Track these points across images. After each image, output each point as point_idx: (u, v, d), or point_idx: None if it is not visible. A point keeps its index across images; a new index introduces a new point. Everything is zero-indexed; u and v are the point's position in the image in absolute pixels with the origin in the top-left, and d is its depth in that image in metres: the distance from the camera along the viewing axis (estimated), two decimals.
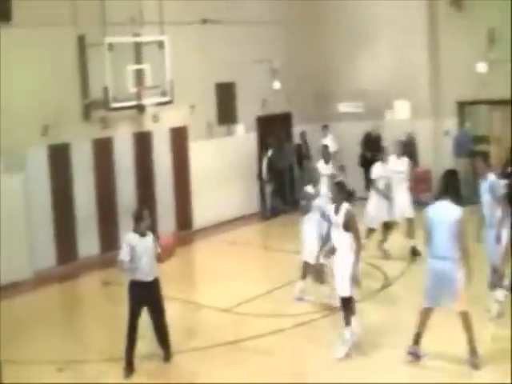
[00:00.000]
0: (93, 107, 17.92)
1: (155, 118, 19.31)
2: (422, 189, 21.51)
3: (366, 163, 22.74)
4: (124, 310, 14.53)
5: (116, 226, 18.59)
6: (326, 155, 17.73)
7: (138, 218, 11.30)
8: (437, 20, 22.09)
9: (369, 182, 22.60)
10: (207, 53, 20.73)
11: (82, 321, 14.48)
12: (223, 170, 21.30)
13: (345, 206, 11.30)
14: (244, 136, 22.22)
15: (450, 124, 22.38)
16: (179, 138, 20.22)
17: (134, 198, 18.97)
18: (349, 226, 11.16)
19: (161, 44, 18.33)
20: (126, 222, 18.53)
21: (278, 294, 14.49)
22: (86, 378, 11.05)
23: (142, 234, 11.22)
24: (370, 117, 22.92)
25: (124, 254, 11.08)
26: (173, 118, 19.70)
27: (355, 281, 11.16)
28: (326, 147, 18.39)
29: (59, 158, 17.51)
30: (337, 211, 11.32)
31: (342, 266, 11.13)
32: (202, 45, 20.68)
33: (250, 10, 21.56)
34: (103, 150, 18.37)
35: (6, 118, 16.31)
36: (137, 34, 18.70)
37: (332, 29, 23.70)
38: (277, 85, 23.07)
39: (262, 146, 22.72)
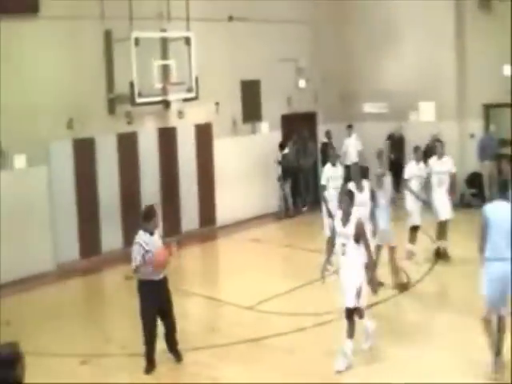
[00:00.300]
0: (118, 102, 17.98)
1: (180, 114, 19.36)
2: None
3: (390, 165, 22.74)
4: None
5: (139, 221, 18.58)
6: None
7: (147, 217, 11.19)
8: (464, 21, 21.96)
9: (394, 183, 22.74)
10: (233, 50, 20.76)
11: (104, 314, 14.54)
12: (247, 167, 21.32)
13: (355, 215, 10.78)
14: (268, 134, 22.19)
15: (476, 126, 22.25)
16: (204, 134, 20.24)
17: (158, 193, 19.03)
18: (360, 236, 10.73)
19: (187, 40, 18.37)
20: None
21: (299, 292, 14.47)
22: (109, 371, 11.06)
23: (151, 233, 11.09)
24: (394, 118, 22.85)
25: (136, 255, 10.96)
26: (197, 114, 19.73)
27: (374, 287, 11.15)
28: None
29: (84, 151, 17.56)
30: (346, 221, 10.78)
31: (350, 277, 10.75)
32: (228, 42, 20.71)
33: (276, 9, 21.53)
34: (128, 145, 18.42)
35: (31, 111, 16.43)
36: (163, 30, 18.73)
37: (358, 28, 23.67)
38: (302, 83, 23.08)
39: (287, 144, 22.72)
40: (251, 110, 21.67)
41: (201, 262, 18.50)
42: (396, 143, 22.68)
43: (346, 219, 10.78)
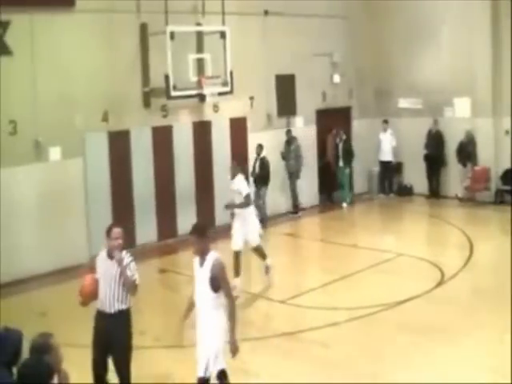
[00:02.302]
0: (153, 95, 18.03)
1: (215, 108, 19.38)
2: (481, 187, 21.35)
3: (427, 160, 22.64)
4: (179, 297, 14.67)
5: (174, 214, 18.72)
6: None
7: (107, 234, 9.64)
8: (500, 17, 21.65)
9: (430, 179, 22.66)
10: (268, 44, 20.71)
11: (137, 307, 14.49)
12: (282, 161, 21.25)
13: (212, 255, 8.66)
14: (303, 128, 22.10)
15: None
16: (238, 128, 20.22)
17: (193, 186, 19.04)
18: (218, 282, 8.45)
19: (222, 34, 18.33)
20: (183, 210, 18.77)
21: (333, 286, 14.42)
22: (142, 363, 11.05)
23: (109, 255, 9.42)
24: (429, 114, 22.67)
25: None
26: (232, 108, 19.73)
27: (234, 348, 8.67)
28: None
29: (119, 144, 17.62)
30: (202, 261, 8.73)
31: (204, 339, 8.72)
32: (263, 36, 20.68)
33: (311, 3, 21.45)
34: (163, 138, 18.44)
35: (67, 104, 16.52)
36: (198, 24, 18.75)
37: (393, 23, 23.51)
38: (337, 78, 23.00)
39: (321, 138, 22.65)
40: (286, 105, 21.62)
41: None
42: (433, 139, 22.50)
43: (202, 259, 8.77)
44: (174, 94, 17.37)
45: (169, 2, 17.34)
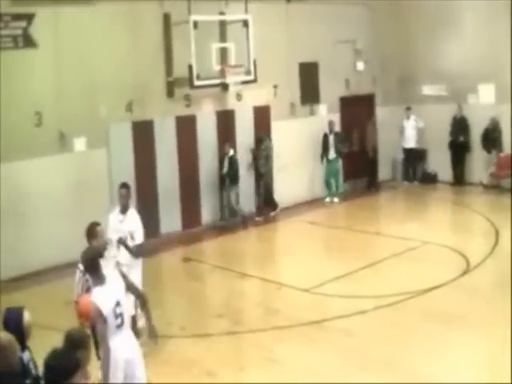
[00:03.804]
0: (177, 85, 18.05)
1: (238, 97, 19.40)
2: (505, 174, 21.23)
3: (452, 146, 22.52)
4: (203, 287, 14.77)
5: (198, 203, 18.78)
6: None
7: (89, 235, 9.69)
8: None
9: (454, 166, 22.53)
10: (291, 32, 20.65)
11: (163, 296, 14.62)
12: (305, 149, 21.27)
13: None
14: (326, 116, 22.03)
15: None
16: (262, 116, 20.19)
17: (216, 175, 19.07)
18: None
19: (245, 23, 18.32)
20: (207, 199, 18.83)
21: (358, 275, 14.41)
22: (168, 352, 11.13)
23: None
24: (453, 100, 22.51)
25: (77, 283, 9.38)
26: (256, 97, 19.72)
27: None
28: None
29: (143, 134, 17.67)
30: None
31: None
32: (286, 24, 20.61)
33: None
34: (186, 128, 18.47)
35: (91, 94, 16.60)
36: (221, 13, 18.73)
37: (417, 9, 23.35)
38: (360, 66, 22.91)
39: (345, 126, 22.60)
40: (309, 93, 21.56)
41: (259, 245, 18.52)
42: (458, 125, 22.37)
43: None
44: (197, 83, 17.39)
45: None
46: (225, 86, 18.58)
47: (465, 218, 19.47)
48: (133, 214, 11.54)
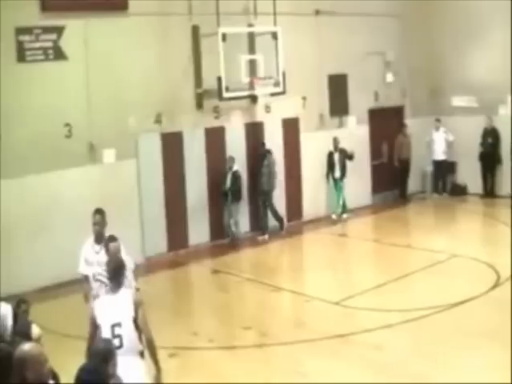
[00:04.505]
0: (206, 96, 18.08)
1: (267, 109, 19.41)
2: None
3: (482, 158, 22.36)
4: (232, 298, 14.76)
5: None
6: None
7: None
8: None
9: (485, 178, 22.36)
10: (320, 44, 20.65)
11: (191, 307, 14.65)
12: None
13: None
14: (356, 128, 22.01)
15: None
16: (291, 128, 20.19)
17: (245, 187, 19.08)
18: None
19: (274, 35, 18.33)
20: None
21: (387, 288, 14.33)
22: (197, 364, 11.13)
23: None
24: (483, 112, 22.36)
25: None
26: (285, 108, 19.71)
27: None
28: None
29: (172, 145, 17.72)
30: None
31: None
32: (315, 36, 20.62)
33: (363, 2, 21.31)
34: (215, 139, 18.49)
35: (120, 105, 16.72)
36: (250, 25, 18.77)
37: (446, 21, 23.25)
38: (390, 77, 22.85)
39: (374, 138, 22.53)
40: (338, 105, 21.52)
41: (288, 257, 18.51)
42: (489, 136, 22.21)
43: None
44: (226, 95, 17.42)
45: (220, 3, 17.38)
46: (254, 98, 18.61)
47: (495, 231, 19.30)
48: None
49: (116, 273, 8.02)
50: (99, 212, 10.55)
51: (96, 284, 10.00)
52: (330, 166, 20.72)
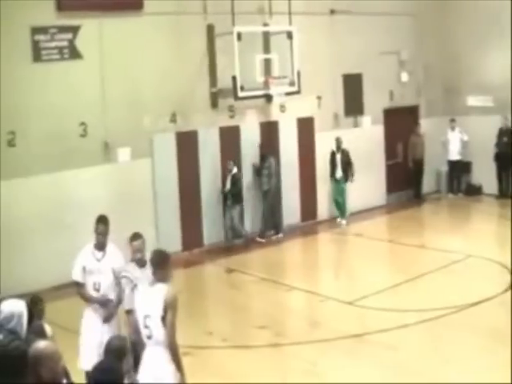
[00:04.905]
0: (220, 96, 18.09)
1: (282, 108, 19.40)
2: None
3: (498, 158, 22.26)
4: (246, 297, 14.74)
5: (241, 214, 18.73)
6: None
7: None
8: None
9: (500, 178, 22.26)
10: (335, 43, 20.60)
11: (205, 307, 14.65)
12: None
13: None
14: (370, 128, 21.98)
15: None
16: (306, 128, 20.14)
17: (259, 186, 19.05)
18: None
19: (289, 34, 18.31)
20: (250, 210, 18.81)
21: (402, 288, 14.30)
22: (211, 363, 11.13)
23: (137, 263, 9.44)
24: (498, 111, 22.25)
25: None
26: (299, 108, 19.67)
27: None
28: None
29: (187, 144, 17.73)
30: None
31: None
32: (330, 35, 20.56)
33: (377, 1, 21.21)
34: (230, 138, 18.49)
35: (135, 104, 16.75)
36: (265, 24, 18.77)
37: (461, 20, 23.13)
38: (404, 77, 22.78)
39: (389, 138, 22.48)
40: (353, 104, 21.48)
41: (302, 257, 18.49)
42: (505, 136, 22.09)
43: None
44: (241, 94, 17.40)
45: (235, 2, 17.37)
46: (268, 98, 18.62)
47: (510, 232, 19.19)
48: (113, 248, 9.93)
49: (157, 265, 8.03)
50: (103, 221, 10.10)
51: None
52: (332, 167, 20.34)
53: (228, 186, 18.18)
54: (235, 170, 18.21)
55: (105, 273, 9.62)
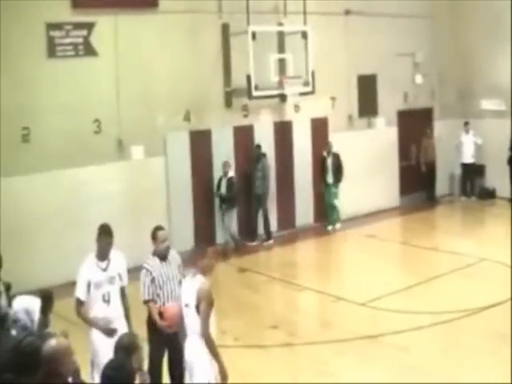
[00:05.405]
0: (235, 95, 18.08)
1: (296, 108, 19.37)
2: None
3: (511, 162, 22.14)
4: (258, 297, 14.69)
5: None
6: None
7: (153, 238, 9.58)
8: None
9: None
10: (349, 44, 20.58)
11: (217, 306, 14.50)
12: (362, 162, 21.04)
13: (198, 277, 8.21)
14: (384, 129, 21.91)
15: None
16: (319, 128, 20.11)
17: (273, 186, 19.04)
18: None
19: (304, 34, 18.27)
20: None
21: (415, 290, 14.25)
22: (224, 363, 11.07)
23: (160, 258, 9.48)
24: None
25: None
26: (314, 108, 19.63)
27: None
28: None
29: (200, 143, 17.72)
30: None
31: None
32: (345, 36, 20.54)
33: (393, 2, 21.19)
34: (244, 138, 18.47)
35: (149, 102, 16.78)
36: (280, 24, 18.74)
37: (476, 22, 23.04)
38: (419, 79, 22.72)
39: (403, 140, 22.40)
40: (367, 105, 21.43)
41: (315, 257, 18.44)
42: None
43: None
44: (255, 93, 17.36)
45: (250, 2, 17.36)
46: (283, 97, 18.61)
47: None
48: (118, 254, 9.43)
49: (197, 258, 8.40)
50: (109, 232, 9.28)
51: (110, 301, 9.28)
52: (323, 171, 19.79)
53: (223, 189, 17.84)
54: (231, 173, 17.83)
55: (113, 281, 9.25)
